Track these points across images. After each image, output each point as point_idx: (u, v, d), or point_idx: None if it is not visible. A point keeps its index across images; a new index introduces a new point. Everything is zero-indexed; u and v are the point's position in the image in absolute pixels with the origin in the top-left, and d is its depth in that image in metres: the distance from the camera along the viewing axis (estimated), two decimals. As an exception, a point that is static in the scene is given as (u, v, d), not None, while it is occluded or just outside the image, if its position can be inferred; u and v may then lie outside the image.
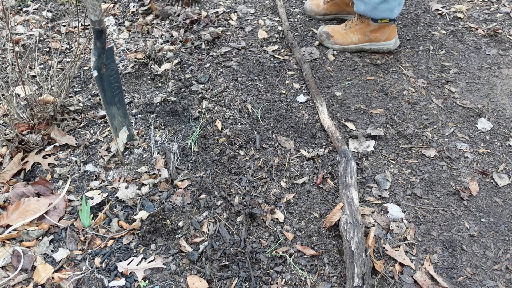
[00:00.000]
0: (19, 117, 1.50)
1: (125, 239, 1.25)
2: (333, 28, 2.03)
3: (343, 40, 1.99)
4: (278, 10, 2.33)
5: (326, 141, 1.57)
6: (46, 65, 1.98)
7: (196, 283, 1.12)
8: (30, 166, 1.44)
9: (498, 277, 1.15)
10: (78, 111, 1.70)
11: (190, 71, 1.91)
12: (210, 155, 1.50)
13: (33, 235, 1.23)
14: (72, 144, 1.53)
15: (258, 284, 1.14)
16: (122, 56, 2.02)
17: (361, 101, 1.75)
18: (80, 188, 1.40)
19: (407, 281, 1.13)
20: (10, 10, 2.37)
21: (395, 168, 1.47)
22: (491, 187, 1.41)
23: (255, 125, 1.63)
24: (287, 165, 1.48)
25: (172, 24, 2.24)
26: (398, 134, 1.59)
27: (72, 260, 1.19)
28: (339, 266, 1.17)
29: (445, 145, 1.55)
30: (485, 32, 2.11)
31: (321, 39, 2.05)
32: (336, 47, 2.02)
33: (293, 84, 1.84)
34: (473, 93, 1.78)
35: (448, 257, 1.20)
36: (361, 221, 1.21)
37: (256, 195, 1.37)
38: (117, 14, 2.38)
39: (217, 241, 1.23)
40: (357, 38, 1.96)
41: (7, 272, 1.14)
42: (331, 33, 2.01)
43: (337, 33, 2.01)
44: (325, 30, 2.03)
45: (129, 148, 1.51)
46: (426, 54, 2.00)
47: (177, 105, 1.72)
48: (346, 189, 1.30)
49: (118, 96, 1.37)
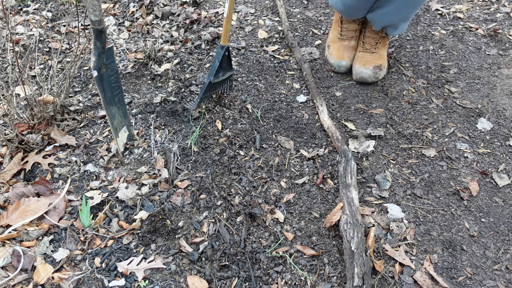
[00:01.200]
0: (19, 117, 1.50)
1: (125, 239, 1.25)
2: (372, 57, 1.82)
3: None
4: (278, 10, 2.33)
5: (326, 141, 1.57)
6: (46, 65, 1.98)
7: (196, 283, 1.12)
8: (30, 166, 1.44)
9: (498, 277, 1.15)
10: (78, 111, 1.70)
11: (190, 71, 1.91)
12: (210, 155, 1.50)
13: (33, 235, 1.23)
14: (72, 144, 1.53)
15: (258, 284, 1.14)
16: (122, 56, 2.02)
17: (361, 101, 1.75)
18: (80, 188, 1.40)
19: (407, 281, 1.13)
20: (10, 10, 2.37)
21: (395, 168, 1.47)
22: (491, 187, 1.41)
23: (255, 125, 1.63)
24: (287, 165, 1.48)
25: (172, 24, 2.24)
26: (398, 134, 1.59)
27: (72, 260, 1.19)
28: (339, 266, 1.17)
29: (445, 145, 1.55)
30: (485, 32, 2.11)
31: (376, 76, 1.81)
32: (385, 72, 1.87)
33: (293, 84, 1.84)
34: (473, 93, 1.78)
35: (448, 257, 1.20)
36: (361, 221, 1.21)
37: (256, 195, 1.37)
38: (117, 14, 2.38)
39: (217, 241, 1.23)
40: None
41: (7, 272, 1.14)
42: (378, 62, 1.81)
43: (382, 58, 1.83)
44: (373, 65, 1.80)
45: (129, 148, 1.51)
46: (426, 54, 2.00)
47: (177, 105, 1.72)
48: (346, 189, 1.30)
49: (118, 96, 1.37)
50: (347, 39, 1.87)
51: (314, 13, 2.34)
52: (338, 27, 1.88)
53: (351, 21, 1.84)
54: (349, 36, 1.87)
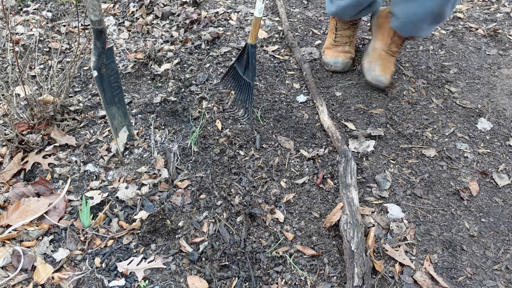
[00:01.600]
0: (19, 117, 1.50)
1: (125, 239, 1.25)
2: (391, 62, 1.78)
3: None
4: (278, 10, 2.33)
5: (326, 141, 1.57)
6: (46, 65, 1.98)
7: (196, 283, 1.12)
8: (30, 166, 1.44)
9: (498, 277, 1.15)
10: (78, 111, 1.70)
11: (190, 71, 1.91)
12: (210, 155, 1.50)
13: (33, 235, 1.23)
14: (72, 144, 1.53)
15: (258, 284, 1.14)
16: (122, 56, 2.02)
17: (361, 101, 1.75)
18: (80, 188, 1.40)
19: (407, 281, 1.13)
20: (10, 10, 2.37)
21: (395, 168, 1.47)
22: (491, 187, 1.41)
23: (255, 125, 1.63)
24: (287, 165, 1.48)
25: (172, 24, 2.24)
26: (398, 134, 1.59)
27: (72, 260, 1.19)
28: (339, 266, 1.17)
29: (445, 145, 1.55)
30: (485, 32, 2.11)
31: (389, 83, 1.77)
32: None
33: (293, 84, 1.84)
34: (473, 93, 1.78)
35: (448, 257, 1.20)
36: (361, 221, 1.21)
37: (256, 195, 1.37)
38: (117, 14, 2.38)
39: (217, 241, 1.23)
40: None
41: (7, 272, 1.14)
42: (393, 68, 1.78)
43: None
44: (389, 72, 1.76)
45: (129, 148, 1.51)
46: (426, 54, 2.00)
47: (177, 105, 1.72)
48: (346, 189, 1.30)
49: (118, 96, 1.37)
50: (341, 44, 1.88)
51: (314, 13, 2.34)
52: (332, 34, 1.90)
53: (346, 28, 1.84)
54: (343, 42, 1.88)
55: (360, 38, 2.12)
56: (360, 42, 2.10)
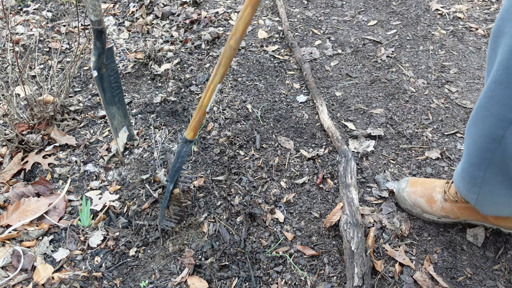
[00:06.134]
0: (19, 117, 1.50)
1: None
2: None
3: None
4: (278, 10, 2.33)
5: (326, 141, 1.57)
6: (46, 65, 1.98)
7: (196, 283, 1.12)
8: (30, 166, 1.44)
9: (498, 277, 1.15)
10: (78, 111, 1.70)
11: (190, 71, 1.91)
12: (210, 155, 1.50)
13: (33, 235, 1.23)
14: (72, 144, 1.53)
15: (258, 284, 1.14)
16: (122, 56, 2.02)
17: (361, 101, 1.75)
18: (80, 188, 1.40)
19: (407, 281, 1.13)
20: (10, 10, 2.37)
21: (395, 168, 1.47)
22: (491, 187, 1.40)
23: (255, 125, 1.63)
24: (287, 165, 1.48)
25: (172, 24, 2.24)
26: (398, 134, 1.59)
27: (72, 260, 1.19)
28: (339, 266, 1.17)
29: (445, 145, 1.55)
30: (485, 32, 2.11)
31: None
32: None
33: (293, 84, 1.84)
34: (473, 93, 1.78)
35: (448, 257, 1.20)
36: (361, 221, 1.21)
37: (256, 195, 1.37)
38: (117, 14, 2.38)
39: (217, 241, 1.23)
40: None
41: (7, 272, 1.14)
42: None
43: None
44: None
45: (129, 148, 1.51)
46: (426, 54, 2.00)
47: (177, 105, 1.72)
48: (346, 189, 1.30)
49: (118, 96, 1.37)
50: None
51: (314, 13, 2.34)
52: (450, 203, 1.22)
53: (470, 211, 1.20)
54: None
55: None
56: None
